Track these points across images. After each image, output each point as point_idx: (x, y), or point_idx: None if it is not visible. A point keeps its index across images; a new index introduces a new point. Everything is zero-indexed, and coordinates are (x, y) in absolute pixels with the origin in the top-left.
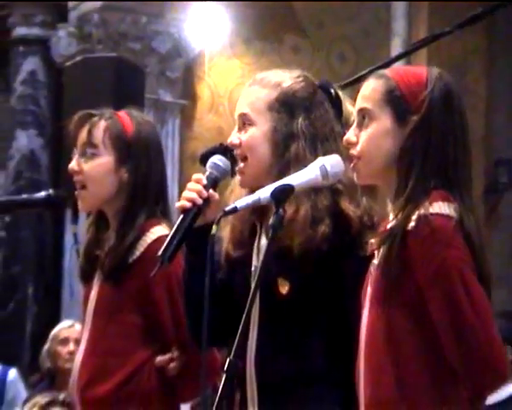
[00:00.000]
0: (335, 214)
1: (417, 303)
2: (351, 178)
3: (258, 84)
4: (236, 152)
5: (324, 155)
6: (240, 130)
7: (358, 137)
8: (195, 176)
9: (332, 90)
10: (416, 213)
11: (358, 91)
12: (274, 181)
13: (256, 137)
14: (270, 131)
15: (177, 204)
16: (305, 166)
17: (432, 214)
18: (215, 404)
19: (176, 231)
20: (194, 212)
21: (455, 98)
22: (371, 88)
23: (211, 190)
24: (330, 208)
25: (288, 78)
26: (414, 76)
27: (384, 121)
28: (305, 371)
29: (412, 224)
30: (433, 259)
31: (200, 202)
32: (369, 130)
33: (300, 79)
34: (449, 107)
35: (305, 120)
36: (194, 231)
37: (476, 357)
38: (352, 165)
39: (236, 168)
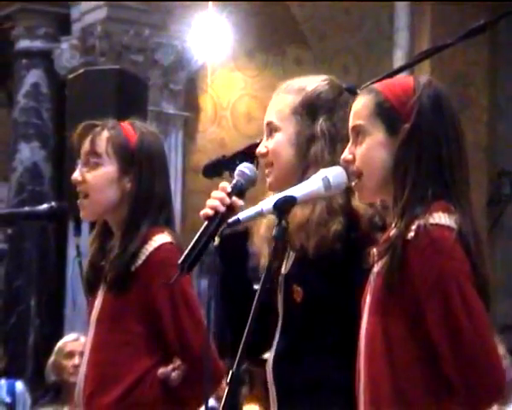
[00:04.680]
0: (348, 212)
1: (415, 313)
2: None
3: (283, 92)
4: (264, 161)
5: None
6: (267, 138)
7: (355, 155)
8: (221, 184)
9: (358, 92)
10: (416, 222)
11: None
12: (298, 183)
13: (281, 142)
14: (293, 134)
15: (201, 212)
16: (323, 167)
17: (432, 224)
18: None
19: (198, 239)
20: (217, 220)
21: (444, 102)
22: (361, 104)
23: (235, 198)
24: (344, 207)
25: (312, 81)
26: (401, 85)
27: (377, 135)
28: (317, 378)
29: (411, 234)
30: (432, 269)
31: (222, 209)
32: (364, 146)
33: (325, 81)
34: (439, 111)
35: (327, 121)
36: (223, 239)
37: (472, 371)
38: (353, 184)
39: (266, 172)
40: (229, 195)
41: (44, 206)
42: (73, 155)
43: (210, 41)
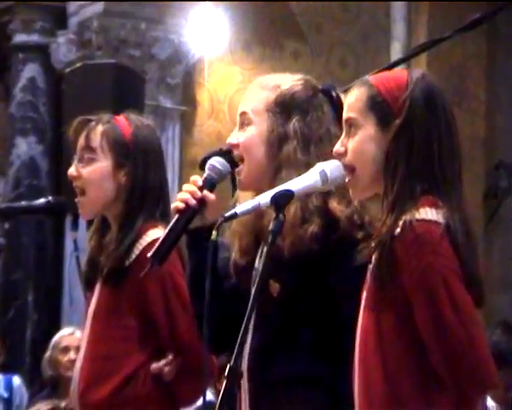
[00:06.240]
0: (324, 214)
1: (404, 308)
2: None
3: (259, 86)
4: (235, 153)
5: (317, 156)
6: (239, 129)
7: (346, 147)
8: (192, 178)
9: (333, 93)
10: (403, 218)
11: None
12: (270, 183)
13: (253, 137)
14: (266, 132)
15: (172, 205)
16: (297, 168)
17: (418, 220)
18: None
19: (169, 232)
20: (189, 213)
21: (437, 97)
22: (354, 97)
23: (206, 192)
24: (320, 209)
25: (288, 80)
26: (395, 80)
27: (368, 128)
28: (293, 373)
29: (398, 230)
30: (418, 265)
31: (193, 202)
32: (355, 139)
33: (300, 81)
34: (431, 106)
35: (300, 122)
36: (192, 233)
37: (459, 364)
38: (346, 180)
39: (236, 170)
40: (201, 189)
41: (41, 200)
42: (70, 150)
43: (207, 35)
